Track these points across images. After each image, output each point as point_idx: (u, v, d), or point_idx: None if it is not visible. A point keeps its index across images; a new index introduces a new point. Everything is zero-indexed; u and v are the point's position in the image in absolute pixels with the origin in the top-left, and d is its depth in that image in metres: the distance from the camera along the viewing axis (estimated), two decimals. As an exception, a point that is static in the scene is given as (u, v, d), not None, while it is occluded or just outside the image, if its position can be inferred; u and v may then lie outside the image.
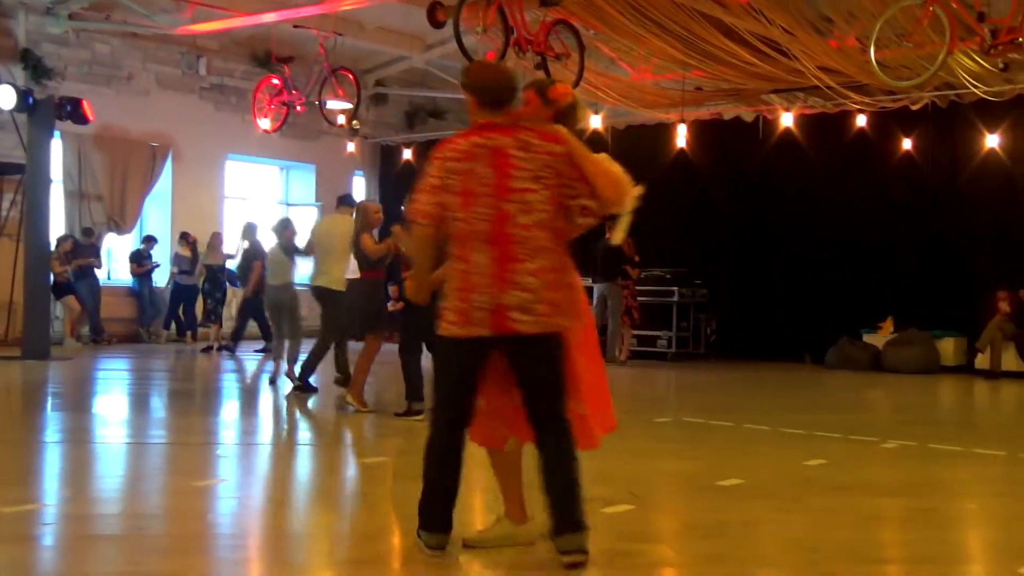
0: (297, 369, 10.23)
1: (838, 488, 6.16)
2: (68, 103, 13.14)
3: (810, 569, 4.39)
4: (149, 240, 16.61)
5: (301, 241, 10.72)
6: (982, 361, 14.08)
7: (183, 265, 16.06)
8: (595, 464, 7.00)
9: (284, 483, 6.43)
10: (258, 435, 8.47)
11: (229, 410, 9.88)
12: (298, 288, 10.98)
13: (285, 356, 10.87)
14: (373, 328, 8.83)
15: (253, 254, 13.45)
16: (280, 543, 4.69)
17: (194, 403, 10.17)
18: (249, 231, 13.74)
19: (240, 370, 13.26)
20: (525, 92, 4.56)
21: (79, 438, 7.68)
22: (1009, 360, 13.93)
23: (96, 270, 15.74)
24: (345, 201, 10.63)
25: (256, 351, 14.76)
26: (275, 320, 11.20)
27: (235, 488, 5.99)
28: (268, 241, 11.84)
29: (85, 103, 13.21)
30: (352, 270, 9.18)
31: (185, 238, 16.12)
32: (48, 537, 4.75)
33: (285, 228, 11.02)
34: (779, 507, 5.58)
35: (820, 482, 6.34)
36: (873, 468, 6.99)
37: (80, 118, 13.23)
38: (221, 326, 15.28)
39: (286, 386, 10.33)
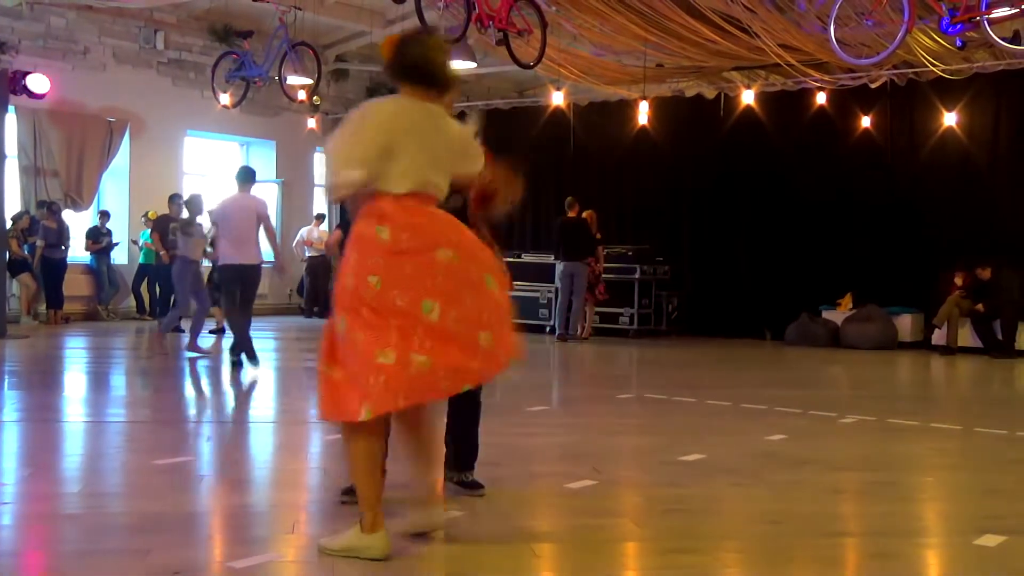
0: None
1: (798, 462, 6.23)
2: (22, 77, 12.92)
3: (771, 542, 4.44)
4: (104, 215, 16.39)
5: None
6: (939, 337, 14.27)
7: (51, 238, 15.31)
8: (558, 440, 7.05)
9: (247, 461, 6.40)
10: (220, 413, 8.41)
11: (190, 388, 9.81)
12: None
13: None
14: None
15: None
16: (242, 520, 4.67)
17: (154, 381, 10.09)
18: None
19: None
20: None
21: (38, 416, 7.60)
22: (965, 336, 14.14)
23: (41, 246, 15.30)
24: (248, 177, 10.82)
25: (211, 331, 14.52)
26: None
27: (197, 466, 5.95)
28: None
29: (31, 76, 12.95)
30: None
31: (49, 207, 15.43)
32: (6, 516, 4.70)
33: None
34: (740, 481, 5.64)
35: (780, 456, 6.41)
36: (832, 442, 7.07)
37: (27, 91, 12.99)
38: None
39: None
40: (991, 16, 9.01)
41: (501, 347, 4.03)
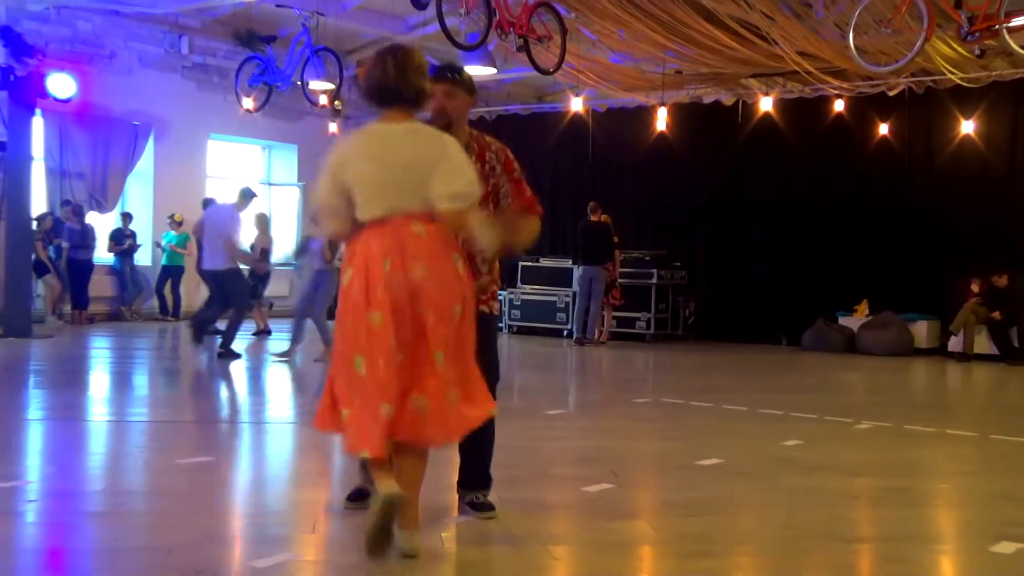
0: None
1: (814, 468, 6.21)
2: (42, 78, 13.00)
3: (786, 547, 4.42)
4: (127, 217, 16.46)
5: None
6: (955, 344, 14.20)
7: (75, 238, 15.40)
8: (576, 444, 7.06)
9: (267, 460, 6.43)
10: (242, 413, 8.45)
11: (213, 388, 9.85)
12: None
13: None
14: None
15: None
16: (262, 520, 4.69)
17: (177, 381, 10.14)
18: (263, 221, 13.71)
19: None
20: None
21: (62, 415, 7.65)
22: (981, 343, 14.05)
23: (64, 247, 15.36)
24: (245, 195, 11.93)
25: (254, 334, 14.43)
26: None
27: (219, 466, 5.98)
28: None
29: (52, 77, 13.02)
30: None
31: (72, 208, 15.53)
32: (31, 514, 4.73)
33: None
34: (756, 486, 5.63)
35: (796, 462, 6.39)
36: (848, 448, 7.05)
37: (47, 92, 13.08)
38: (271, 307, 14.91)
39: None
40: (1010, 25, 8.98)
41: (439, 417, 3.94)
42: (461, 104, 4.52)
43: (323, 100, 14.60)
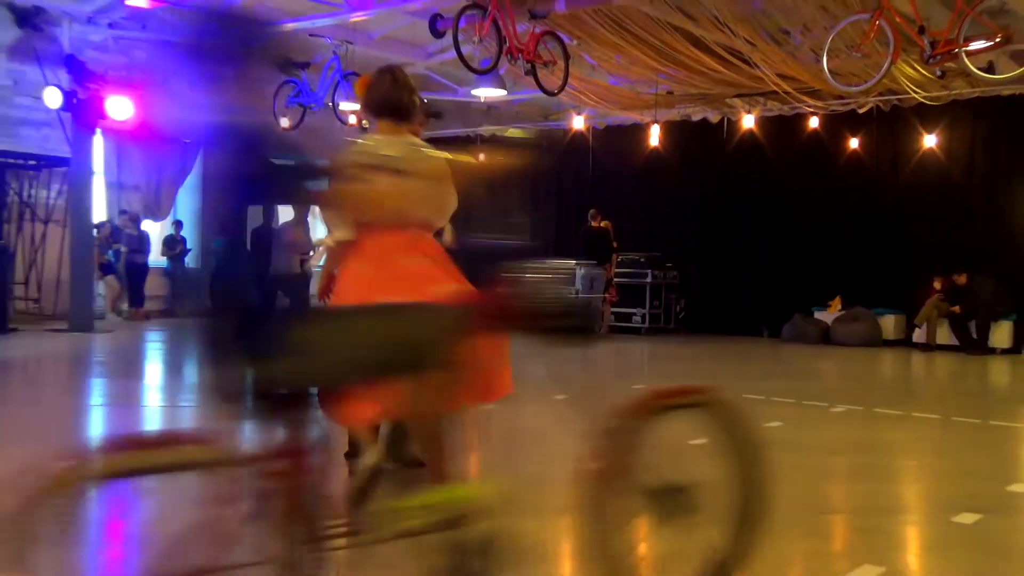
0: None
1: (792, 447, 6.17)
2: (102, 101, 13.05)
3: (768, 518, 4.39)
4: (178, 224, 16.49)
5: None
6: (919, 336, 14.15)
7: (132, 244, 15.50)
8: (577, 425, 7.01)
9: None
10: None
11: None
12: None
13: None
14: None
15: None
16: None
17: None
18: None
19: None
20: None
21: (121, 402, 7.65)
22: (943, 335, 14.00)
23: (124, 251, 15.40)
24: None
25: None
26: None
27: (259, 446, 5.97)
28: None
29: (110, 100, 13.07)
30: None
31: (129, 216, 15.54)
32: (91, 490, 4.72)
33: None
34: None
35: (776, 442, 6.30)
36: (823, 430, 7.01)
37: (106, 114, 13.12)
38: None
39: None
40: (968, 49, 8.92)
41: None
42: None
43: (352, 120, 14.60)
